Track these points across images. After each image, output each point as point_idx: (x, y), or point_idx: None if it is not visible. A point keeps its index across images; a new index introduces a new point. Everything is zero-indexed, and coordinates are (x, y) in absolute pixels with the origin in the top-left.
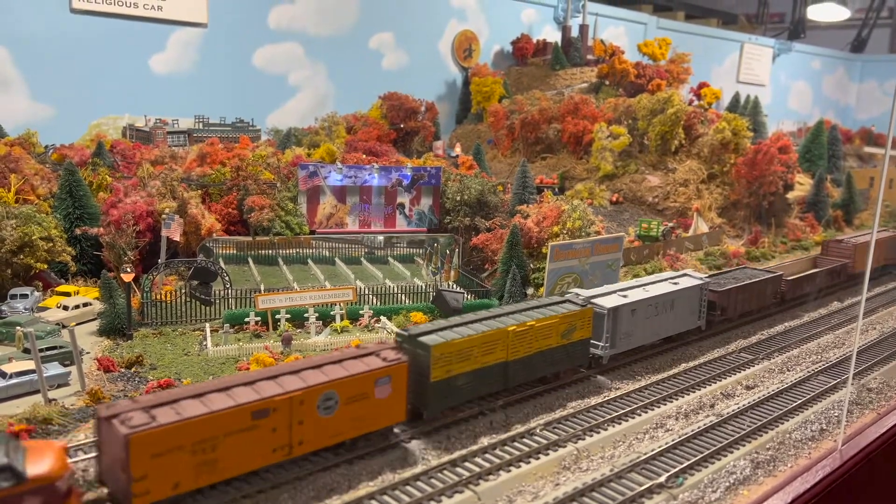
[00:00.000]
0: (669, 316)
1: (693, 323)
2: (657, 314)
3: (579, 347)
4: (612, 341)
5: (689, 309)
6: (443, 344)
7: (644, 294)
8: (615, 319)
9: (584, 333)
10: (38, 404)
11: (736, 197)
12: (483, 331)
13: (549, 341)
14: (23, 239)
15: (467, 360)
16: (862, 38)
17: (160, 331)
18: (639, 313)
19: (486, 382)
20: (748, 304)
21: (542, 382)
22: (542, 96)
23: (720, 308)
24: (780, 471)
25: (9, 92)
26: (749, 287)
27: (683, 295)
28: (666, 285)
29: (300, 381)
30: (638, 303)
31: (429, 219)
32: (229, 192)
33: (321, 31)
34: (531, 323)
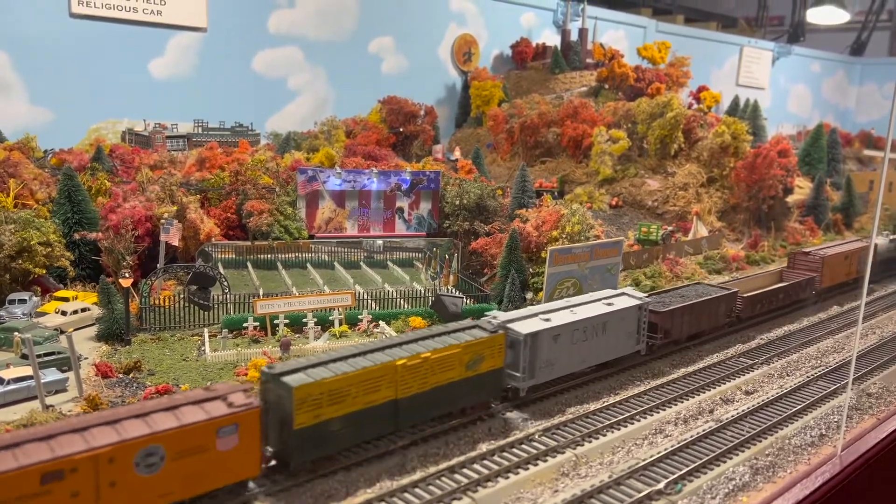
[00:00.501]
0: (601, 341)
1: (630, 347)
2: (586, 339)
3: (489, 379)
4: (530, 371)
5: (626, 332)
6: (309, 385)
7: (570, 317)
8: (534, 346)
9: (496, 363)
10: (35, 410)
11: (735, 201)
12: (365, 366)
13: (449, 374)
14: (21, 244)
15: (343, 402)
16: (861, 41)
17: (159, 336)
18: (563, 339)
19: (370, 425)
20: (697, 325)
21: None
22: (542, 100)
23: (663, 330)
24: (780, 477)
25: (8, 96)
26: (697, 306)
27: (618, 317)
28: (598, 306)
29: (113, 435)
30: (562, 327)
31: (428, 223)
32: (228, 197)
33: (321, 36)
34: (426, 355)
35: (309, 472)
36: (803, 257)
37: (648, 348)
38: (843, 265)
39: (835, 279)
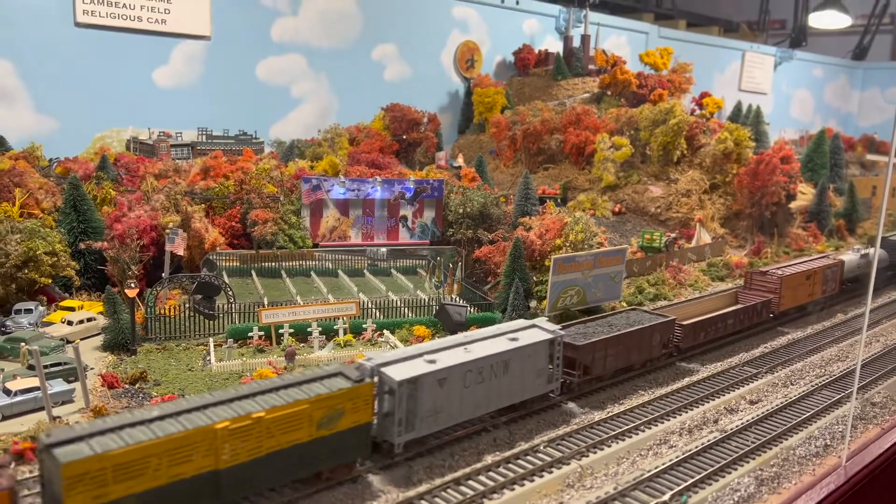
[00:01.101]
0: (503, 382)
1: (540, 387)
2: (483, 381)
3: (352, 437)
4: (408, 423)
5: (534, 370)
6: (85, 459)
7: (462, 357)
8: (413, 394)
9: (361, 417)
10: (42, 422)
11: (738, 207)
12: (171, 432)
13: (295, 435)
14: (27, 254)
15: (141, 476)
16: (864, 45)
17: (164, 346)
18: (452, 382)
19: (183, 502)
20: (625, 358)
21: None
22: (545, 107)
23: (582, 366)
24: (785, 488)
25: (14, 105)
26: (624, 338)
27: (523, 353)
28: (500, 342)
29: None
30: (450, 370)
31: (431, 231)
32: (233, 206)
33: (324, 43)
34: (259, 415)
35: None
36: (760, 277)
37: (565, 387)
38: (804, 286)
39: (796, 300)
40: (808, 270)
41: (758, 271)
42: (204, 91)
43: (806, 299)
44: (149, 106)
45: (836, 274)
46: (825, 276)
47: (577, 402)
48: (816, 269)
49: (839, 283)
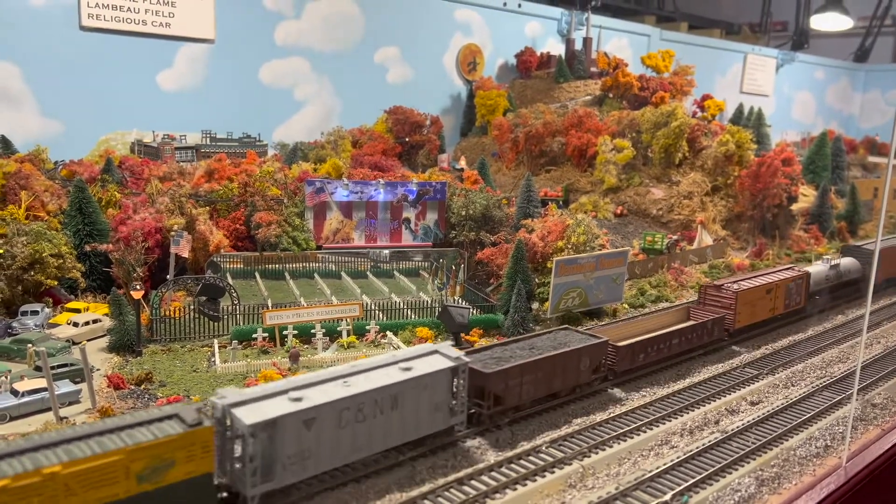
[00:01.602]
0: (391, 418)
1: (440, 422)
2: (364, 419)
3: (186, 491)
4: (265, 471)
5: (431, 404)
6: None
7: (338, 392)
8: (272, 438)
9: (199, 467)
10: (50, 422)
11: (740, 209)
12: None
13: (109, 491)
14: (33, 256)
15: None
16: (865, 47)
17: (169, 347)
18: (323, 422)
19: None
20: (546, 385)
21: None
22: (547, 109)
23: (493, 396)
24: (785, 488)
25: (19, 108)
26: (544, 363)
27: (417, 385)
28: (387, 373)
29: None
30: (319, 408)
31: (434, 233)
32: (237, 208)
33: (327, 46)
34: (53, 469)
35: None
36: (714, 292)
37: (474, 420)
38: (764, 301)
39: (755, 317)
40: (769, 284)
41: (712, 285)
42: (207, 94)
43: (766, 315)
44: (153, 109)
45: (801, 287)
46: (789, 289)
47: (484, 437)
48: (778, 283)
49: (805, 297)
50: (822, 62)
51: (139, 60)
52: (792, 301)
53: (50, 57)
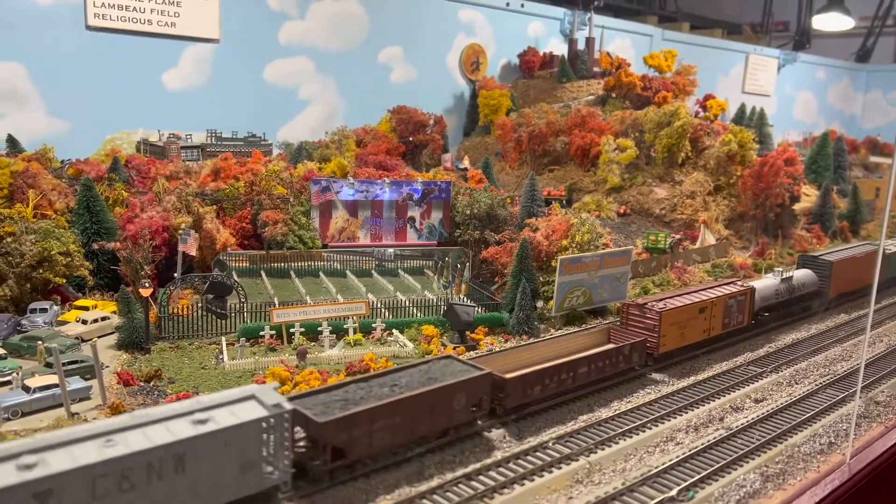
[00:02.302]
0: (175, 486)
1: (252, 486)
2: (131, 488)
3: None
4: None
5: (238, 463)
6: None
7: (94, 454)
8: None
9: None
10: (61, 418)
11: (742, 209)
12: None
13: None
14: (42, 254)
15: None
16: (867, 47)
17: (177, 345)
18: (67, 496)
19: None
20: (405, 431)
21: None
22: (550, 109)
23: (331, 448)
24: (790, 484)
25: (26, 107)
26: (404, 404)
27: (213, 442)
28: (176, 427)
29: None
30: (58, 478)
31: (439, 232)
32: (243, 207)
33: (331, 46)
34: None
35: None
36: (636, 312)
37: (312, 477)
38: (697, 321)
39: (685, 339)
40: (703, 302)
41: (634, 304)
42: (212, 93)
43: (700, 337)
44: (158, 108)
45: (744, 304)
46: (728, 307)
47: None
48: (715, 300)
49: (748, 316)
50: (824, 62)
51: (145, 60)
52: (732, 320)
53: (56, 56)
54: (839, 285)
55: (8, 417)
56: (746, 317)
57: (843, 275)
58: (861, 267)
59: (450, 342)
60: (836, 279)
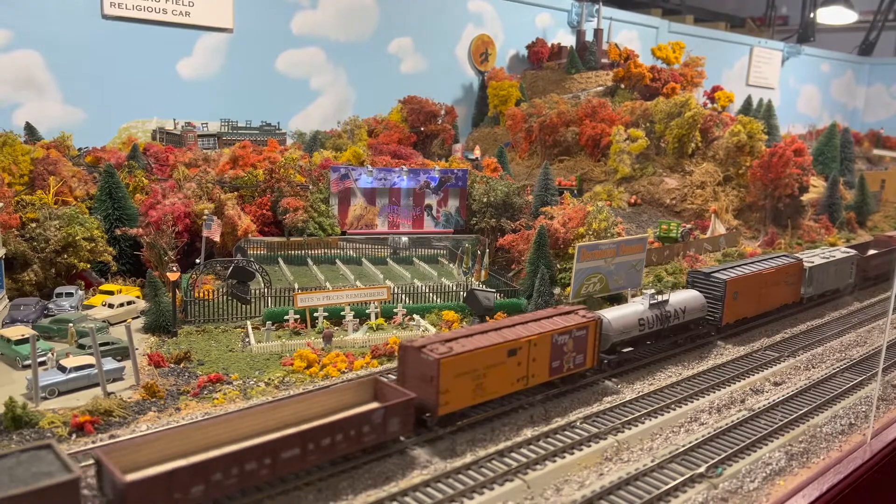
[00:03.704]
0: None
1: None
2: None
3: None
4: None
5: None
6: None
7: None
8: None
9: None
10: (98, 397)
11: (751, 199)
12: None
13: None
14: (66, 239)
15: None
16: (870, 41)
17: (203, 328)
18: None
19: None
20: None
21: None
22: (561, 100)
23: None
24: (814, 462)
25: (42, 96)
26: None
27: None
28: None
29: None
30: None
31: (456, 220)
32: (263, 194)
33: (342, 37)
34: None
35: None
36: (413, 357)
37: None
38: (504, 369)
39: (484, 394)
40: (514, 341)
41: (411, 346)
42: (225, 83)
43: (510, 388)
44: (172, 97)
45: (584, 340)
46: (557, 345)
47: None
48: (534, 338)
49: (593, 355)
50: (828, 55)
51: (159, 49)
52: (565, 363)
53: (72, 45)
54: (737, 309)
55: (45, 396)
56: (591, 356)
57: (742, 296)
58: (768, 285)
59: None
60: (731, 302)
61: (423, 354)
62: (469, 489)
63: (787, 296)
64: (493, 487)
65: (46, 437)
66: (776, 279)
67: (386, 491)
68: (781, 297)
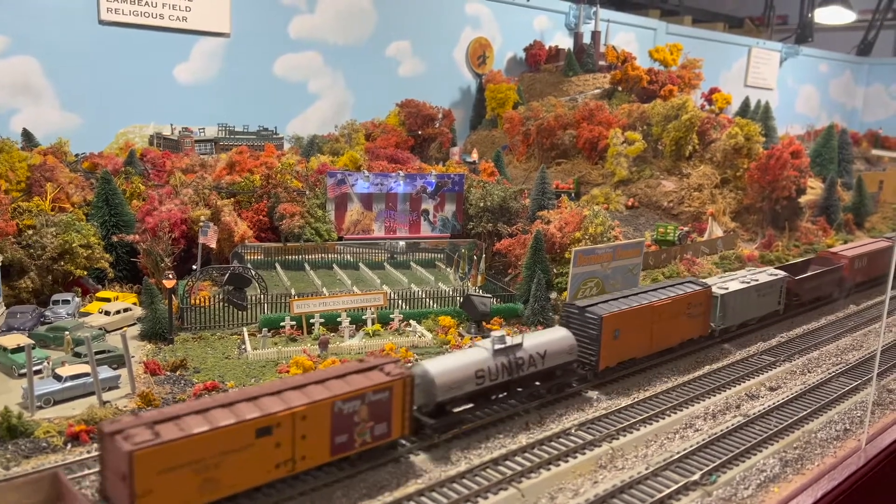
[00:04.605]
0: None
1: None
2: None
3: None
4: None
5: None
6: None
7: None
8: None
9: None
10: (94, 406)
11: (749, 201)
12: None
13: None
14: (63, 246)
15: None
16: (868, 40)
17: (200, 335)
18: None
19: None
20: None
21: None
22: (558, 102)
23: None
24: (808, 469)
25: (39, 102)
26: None
27: None
28: None
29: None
30: None
31: (452, 225)
32: (260, 200)
33: (340, 40)
34: None
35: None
36: (110, 446)
37: None
38: (253, 454)
39: (216, 490)
40: (274, 416)
41: (108, 429)
42: (223, 87)
43: (264, 478)
44: (170, 102)
45: (387, 405)
46: (341, 416)
47: None
48: (302, 411)
49: (403, 422)
50: (826, 56)
51: (156, 54)
52: (357, 436)
53: (69, 51)
54: (619, 350)
55: (41, 406)
56: (399, 423)
57: (627, 333)
58: (664, 318)
59: (467, 332)
60: (610, 342)
61: (116, 443)
62: (463, 498)
63: (692, 329)
64: (488, 496)
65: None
66: (675, 311)
67: (380, 500)
68: (683, 331)
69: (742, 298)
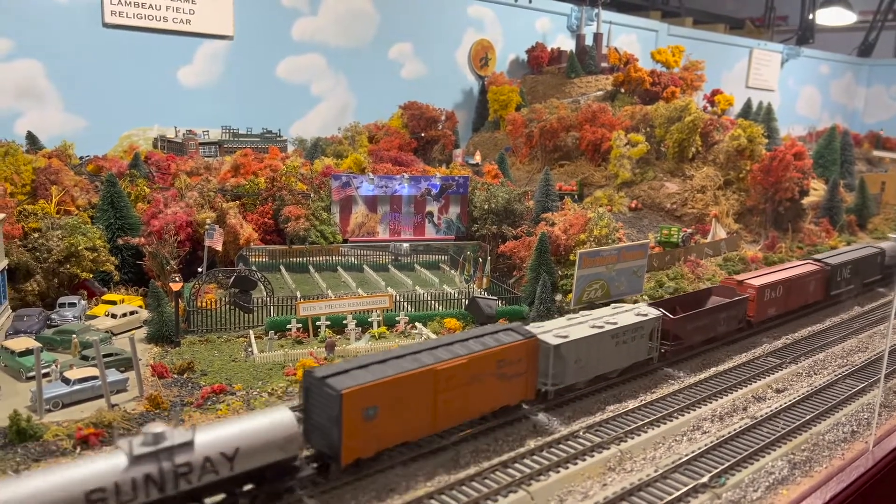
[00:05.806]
0: None
1: None
2: None
3: None
4: None
5: None
6: None
7: None
8: None
9: None
10: (102, 409)
11: (752, 203)
12: None
13: None
14: (69, 249)
15: None
16: (869, 42)
17: (206, 338)
18: None
19: None
20: None
21: None
22: (561, 104)
23: None
24: (816, 471)
25: (43, 105)
26: None
27: None
28: None
29: None
30: None
31: (457, 227)
32: (264, 203)
33: (342, 42)
34: None
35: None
36: None
37: None
38: None
39: None
40: None
41: None
42: (226, 90)
43: None
44: (173, 104)
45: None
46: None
47: None
48: None
49: None
50: (827, 57)
51: (160, 57)
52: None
53: (73, 54)
54: (379, 435)
55: (49, 409)
56: None
57: (392, 411)
58: (462, 384)
59: None
60: (360, 426)
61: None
62: (473, 501)
63: (508, 394)
64: (497, 499)
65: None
66: (475, 373)
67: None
68: (493, 398)
69: (589, 347)
